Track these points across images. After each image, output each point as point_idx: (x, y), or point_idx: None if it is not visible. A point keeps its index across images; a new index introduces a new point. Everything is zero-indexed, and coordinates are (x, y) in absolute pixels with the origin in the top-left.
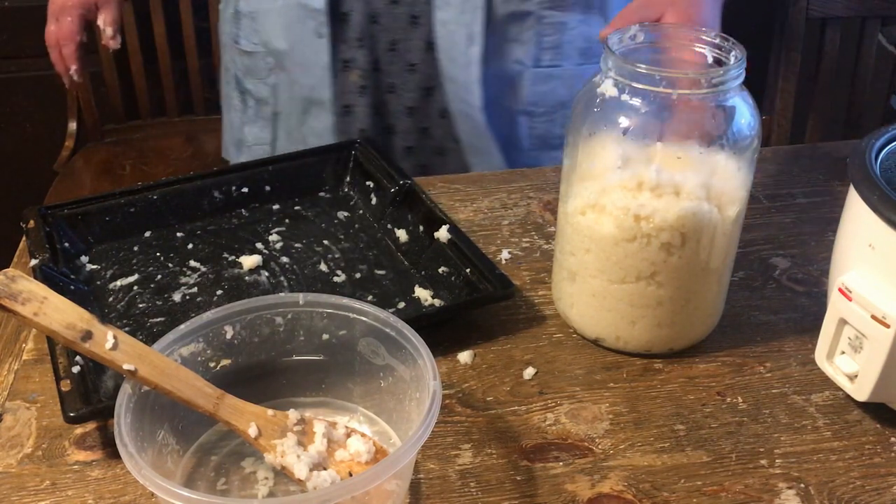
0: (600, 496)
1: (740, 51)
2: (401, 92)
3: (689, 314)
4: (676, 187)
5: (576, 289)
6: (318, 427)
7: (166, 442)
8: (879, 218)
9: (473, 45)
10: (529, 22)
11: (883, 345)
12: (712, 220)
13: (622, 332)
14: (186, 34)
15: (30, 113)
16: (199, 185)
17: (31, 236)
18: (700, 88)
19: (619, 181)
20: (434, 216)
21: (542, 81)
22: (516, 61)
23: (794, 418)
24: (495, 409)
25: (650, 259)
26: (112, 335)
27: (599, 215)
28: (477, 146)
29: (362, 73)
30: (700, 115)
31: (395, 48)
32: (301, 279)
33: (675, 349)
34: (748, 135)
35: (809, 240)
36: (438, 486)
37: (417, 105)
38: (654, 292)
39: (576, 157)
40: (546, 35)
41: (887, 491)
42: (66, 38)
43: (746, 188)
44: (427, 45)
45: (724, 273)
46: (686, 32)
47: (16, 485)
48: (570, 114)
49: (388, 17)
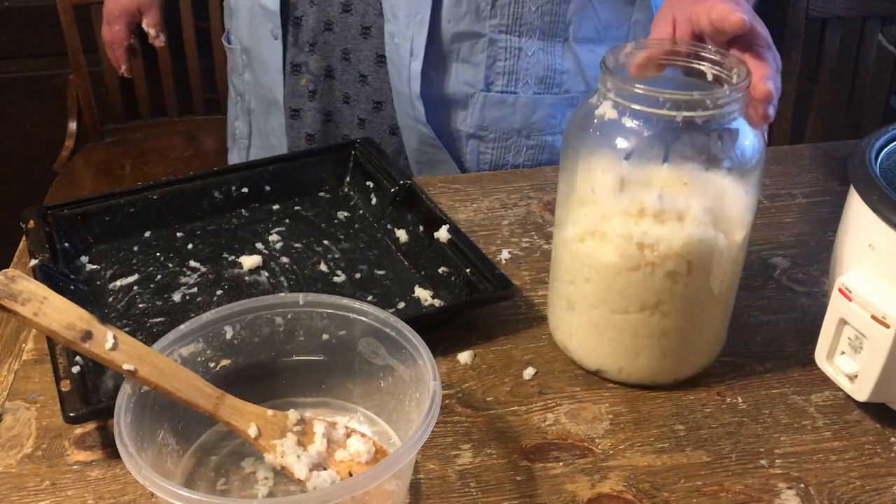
0: (600, 496)
1: (743, 67)
2: (354, 103)
3: (694, 343)
4: (680, 213)
5: (575, 319)
6: (318, 427)
7: (166, 442)
8: (879, 218)
9: (416, 60)
10: (481, 44)
11: (883, 345)
12: (719, 245)
13: (625, 364)
14: (186, 34)
15: (30, 113)
16: (199, 185)
17: (31, 236)
18: (706, 110)
19: (620, 207)
20: (434, 216)
21: (494, 107)
22: (466, 83)
23: (794, 418)
24: (495, 409)
25: (655, 288)
26: (112, 335)
27: (600, 243)
28: (431, 162)
29: (312, 78)
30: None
31: (347, 58)
32: (301, 279)
33: (679, 379)
34: (754, 156)
35: (809, 240)
36: (438, 486)
37: (369, 118)
38: (658, 322)
39: (573, 182)
40: (499, 59)
41: (887, 491)
42: (116, 42)
43: (752, 211)
44: (378, 57)
45: (730, 299)
46: (685, 48)
47: (16, 485)
48: (563, 135)
49: (340, 26)
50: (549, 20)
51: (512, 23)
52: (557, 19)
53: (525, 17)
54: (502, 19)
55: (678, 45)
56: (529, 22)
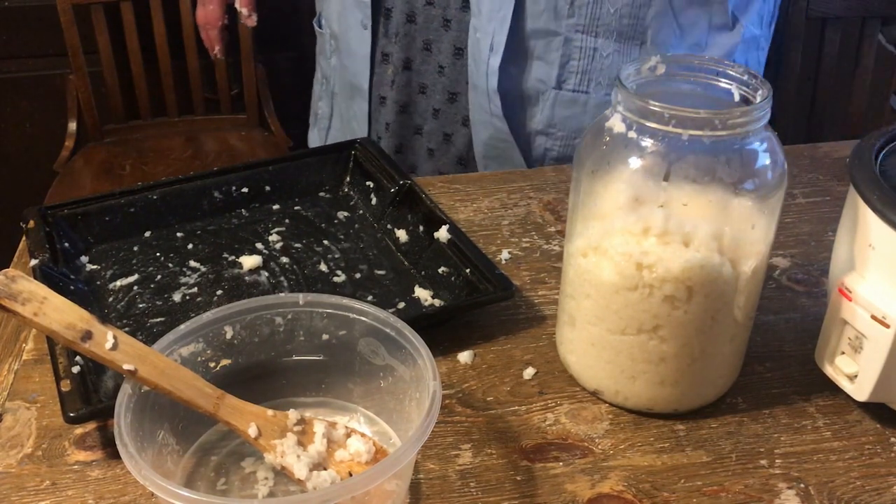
0: (600, 496)
1: (766, 89)
2: (430, 93)
3: (696, 374)
4: (686, 236)
5: (575, 335)
6: (318, 427)
7: (166, 442)
8: (879, 218)
9: (495, 55)
10: (556, 42)
11: (883, 345)
12: (723, 274)
13: (621, 387)
14: (186, 34)
15: (30, 113)
16: (199, 185)
17: (31, 236)
18: (714, 130)
19: (624, 224)
20: (434, 216)
21: (565, 105)
22: (539, 80)
23: (794, 418)
24: (495, 409)
25: (652, 311)
26: (112, 335)
27: (600, 259)
28: (499, 157)
29: (394, 69)
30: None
31: (428, 48)
32: (301, 279)
33: (680, 410)
34: (771, 182)
35: (809, 240)
36: (438, 486)
37: (443, 108)
38: (656, 347)
39: (581, 195)
40: (573, 58)
41: (887, 491)
42: (210, 23)
43: (767, 242)
44: (456, 49)
45: (740, 333)
46: (712, 64)
47: (16, 485)
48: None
49: (423, 17)
50: (627, 23)
51: (589, 23)
52: (636, 22)
53: (603, 19)
54: (579, 19)
55: (706, 62)
56: (607, 23)
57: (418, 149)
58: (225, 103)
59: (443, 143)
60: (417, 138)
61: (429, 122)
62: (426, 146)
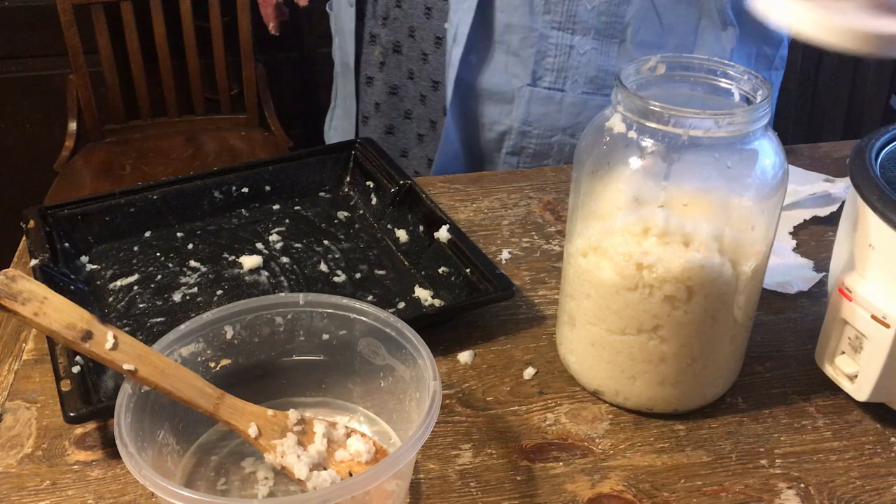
0: (600, 496)
1: (766, 89)
2: (417, 79)
3: (696, 374)
4: (686, 236)
5: (575, 335)
6: (318, 427)
7: (166, 442)
8: (879, 218)
9: (457, 46)
10: (531, 38)
11: (883, 345)
12: (724, 274)
13: (621, 387)
14: (186, 34)
15: (30, 113)
16: (199, 185)
17: (31, 236)
18: (715, 130)
19: (624, 224)
20: (434, 216)
21: (540, 102)
22: (514, 76)
23: (794, 418)
24: (495, 409)
25: (652, 311)
26: (112, 335)
27: (600, 259)
28: (478, 150)
29: (383, 50)
30: None
31: (413, 35)
32: (301, 279)
33: (680, 410)
34: (771, 182)
35: (809, 240)
36: (438, 486)
37: (429, 95)
38: (656, 347)
39: (581, 195)
40: (549, 55)
41: (887, 491)
42: (265, 1)
43: (768, 242)
44: (436, 38)
45: (739, 333)
46: (712, 64)
47: (16, 485)
48: (576, 145)
49: (408, 3)
50: (605, 20)
51: (565, 20)
52: (615, 20)
53: (580, 16)
54: (555, 15)
55: (706, 62)
56: (584, 21)
57: (409, 133)
58: (225, 103)
59: (430, 129)
60: (407, 122)
61: (417, 107)
62: (416, 131)
